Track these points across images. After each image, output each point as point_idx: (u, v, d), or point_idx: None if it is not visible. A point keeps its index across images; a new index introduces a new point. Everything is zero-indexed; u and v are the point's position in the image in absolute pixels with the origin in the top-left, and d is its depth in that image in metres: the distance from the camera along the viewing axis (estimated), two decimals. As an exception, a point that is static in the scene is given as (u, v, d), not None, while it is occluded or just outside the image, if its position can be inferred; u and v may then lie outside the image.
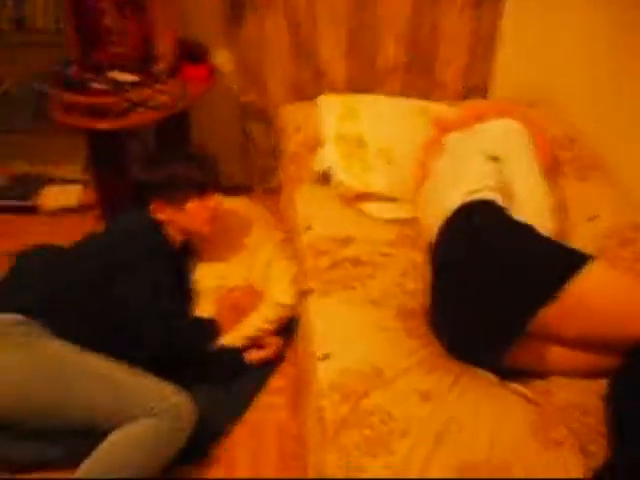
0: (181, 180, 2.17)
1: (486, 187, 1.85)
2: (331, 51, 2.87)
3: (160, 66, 2.64)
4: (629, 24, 2.42)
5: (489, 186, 1.86)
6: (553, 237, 1.89)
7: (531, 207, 1.91)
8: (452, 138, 2.18)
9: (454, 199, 1.85)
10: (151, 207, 2.16)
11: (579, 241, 2.05)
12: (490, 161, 1.95)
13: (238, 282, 2.37)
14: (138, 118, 2.49)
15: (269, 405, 2.16)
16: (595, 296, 1.63)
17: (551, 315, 1.61)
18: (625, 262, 1.99)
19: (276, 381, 2.23)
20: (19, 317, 1.85)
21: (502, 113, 2.13)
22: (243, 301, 2.30)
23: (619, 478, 1.42)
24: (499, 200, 1.83)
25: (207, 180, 2.23)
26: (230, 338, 2.20)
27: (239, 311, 2.26)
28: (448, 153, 2.10)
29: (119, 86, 2.52)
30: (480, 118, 2.16)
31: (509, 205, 1.87)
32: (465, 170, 1.93)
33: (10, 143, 3.10)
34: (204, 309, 2.28)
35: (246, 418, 2.10)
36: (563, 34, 2.84)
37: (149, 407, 1.78)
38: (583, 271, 1.61)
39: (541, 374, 1.70)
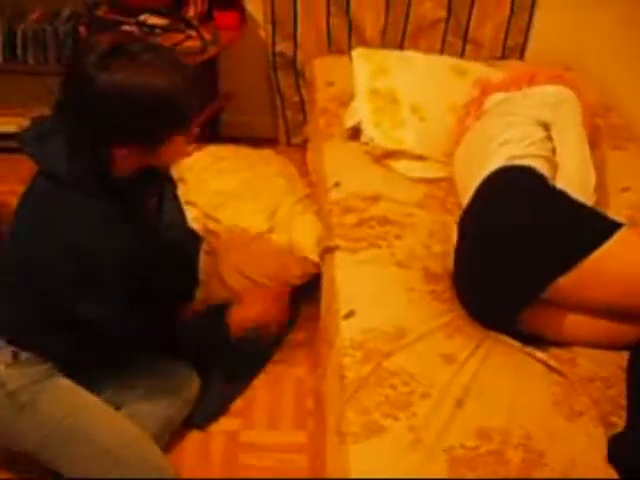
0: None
1: (531, 154, 1.82)
2: (366, 4, 2.80)
3: (191, 11, 2.60)
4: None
5: (534, 154, 1.83)
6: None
7: (577, 180, 1.87)
8: (497, 99, 2.12)
9: (496, 162, 1.82)
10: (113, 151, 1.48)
11: (611, 211, 2.01)
12: (540, 128, 1.91)
13: (256, 232, 2.35)
14: (167, 63, 2.45)
15: (288, 359, 2.16)
16: (621, 265, 1.62)
17: (575, 282, 1.60)
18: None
19: (295, 335, 2.24)
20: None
21: (553, 79, 2.07)
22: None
23: (633, 448, 1.42)
24: (542, 168, 1.80)
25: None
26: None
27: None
28: (493, 114, 2.05)
29: (149, 30, 2.48)
30: (530, 81, 2.10)
31: (552, 174, 1.83)
32: (512, 133, 1.89)
33: (36, 85, 3.07)
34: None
35: (265, 372, 2.11)
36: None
37: None
38: (611, 240, 1.60)
39: (565, 343, 1.69)
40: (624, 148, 2.37)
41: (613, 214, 1.92)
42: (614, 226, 1.64)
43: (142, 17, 2.54)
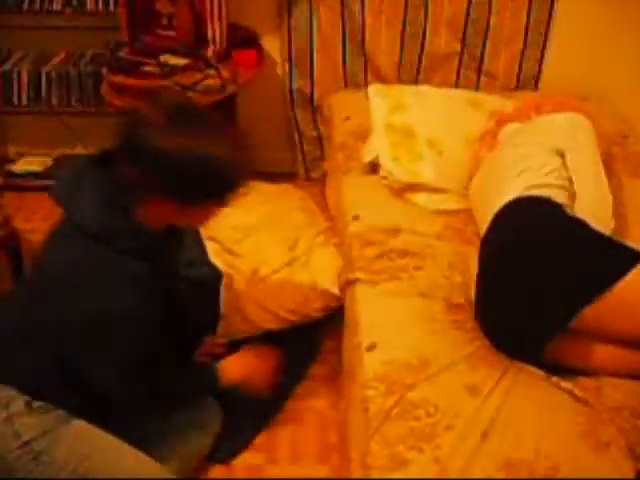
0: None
1: (547, 184, 1.83)
2: (381, 39, 2.84)
3: (210, 50, 2.65)
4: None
5: (550, 183, 1.83)
6: (610, 234, 1.86)
7: (595, 204, 1.88)
8: (510, 130, 2.14)
9: (513, 191, 1.83)
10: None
11: (631, 238, 2.00)
12: (555, 156, 1.91)
13: (276, 265, 2.36)
14: (188, 102, 2.50)
15: (310, 393, 2.16)
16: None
17: (599, 313, 1.60)
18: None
19: (317, 369, 2.24)
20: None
21: (560, 106, 2.09)
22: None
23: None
24: (559, 197, 1.81)
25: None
26: (273, 323, 2.20)
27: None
28: (508, 145, 2.06)
29: (170, 69, 2.53)
30: (537, 110, 2.12)
31: (570, 202, 1.83)
32: (528, 163, 1.90)
33: (60, 125, 3.14)
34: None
35: (287, 406, 2.11)
36: (616, 27, 2.78)
37: None
38: (635, 270, 1.60)
39: (590, 373, 1.67)
40: (642, 175, 2.37)
41: (634, 241, 1.92)
42: (636, 255, 1.64)
43: (162, 57, 2.59)
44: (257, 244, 2.40)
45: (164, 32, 2.67)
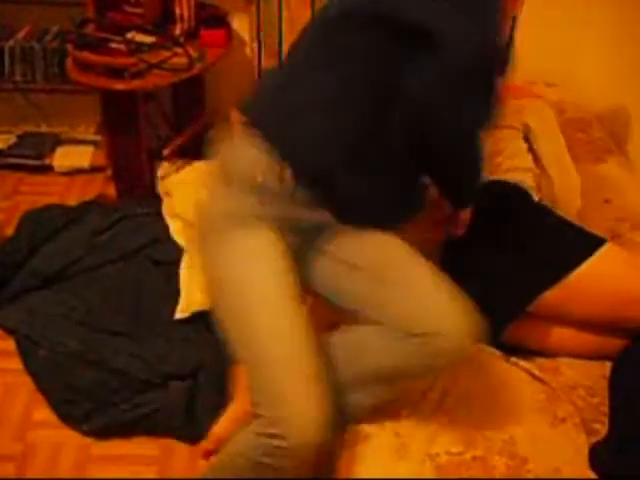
0: None
1: (514, 167, 1.84)
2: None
3: (178, 28, 2.63)
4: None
5: (517, 166, 1.85)
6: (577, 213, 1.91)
7: (563, 184, 1.90)
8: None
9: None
10: None
11: (593, 223, 2.03)
12: (521, 139, 1.93)
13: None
14: (154, 80, 2.47)
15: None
16: (603, 280, 1.65)
17: (558, 297, 1.63)
18: (638, 246, 1.99)
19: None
20: None
21: (518, 91, 2.12)
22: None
23: (612, 451, 1.45)
24: (527, 181, 1.83)
25: None
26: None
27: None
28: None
29: (136, 47, 2.50)
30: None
31: (537, 185, 1.85)
32: (497, 148, 1.90)
33: (24, 101, 3.09)
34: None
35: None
36: (583, 14, 2.80)
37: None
38: (595, 256, 1.63)
39: (549, 354, 1.71)
40: (604, 161, 2.40)
41: (595, 226, 1.95)
42: (597, 242, 1.67)
43: (129, 35, 2.56)
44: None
45: (131, 9, 2.63)
